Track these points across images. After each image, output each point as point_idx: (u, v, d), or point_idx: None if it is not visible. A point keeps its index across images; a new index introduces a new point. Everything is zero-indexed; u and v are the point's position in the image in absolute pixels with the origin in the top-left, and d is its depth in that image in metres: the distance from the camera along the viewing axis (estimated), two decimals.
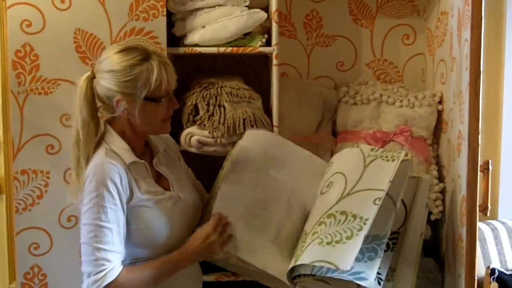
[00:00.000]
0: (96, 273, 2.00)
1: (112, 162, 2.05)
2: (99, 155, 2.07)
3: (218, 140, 2.58)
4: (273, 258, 2.21)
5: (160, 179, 2.20)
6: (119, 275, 2.02)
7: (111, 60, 2.04)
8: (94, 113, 2.10)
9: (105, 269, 2.00)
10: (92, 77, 2.09)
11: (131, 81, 2.02)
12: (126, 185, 2.06)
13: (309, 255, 2.11)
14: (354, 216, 2.10)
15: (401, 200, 2.23)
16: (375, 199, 2.11)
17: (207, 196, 2.42)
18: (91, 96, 2.09)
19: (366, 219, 2.07)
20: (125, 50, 2.06)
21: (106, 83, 2.05)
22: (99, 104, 2.12)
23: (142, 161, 2.14)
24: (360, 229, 2.06)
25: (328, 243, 2.09)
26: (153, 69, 2.04)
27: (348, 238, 2.06)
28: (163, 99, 2.08)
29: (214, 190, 2.35)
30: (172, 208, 2.15)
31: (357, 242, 2.03)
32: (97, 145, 2.10)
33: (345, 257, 2.01)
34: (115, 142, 2.11)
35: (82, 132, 2.06)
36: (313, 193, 2.37)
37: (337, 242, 2.07)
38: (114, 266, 2.02)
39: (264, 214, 2.27)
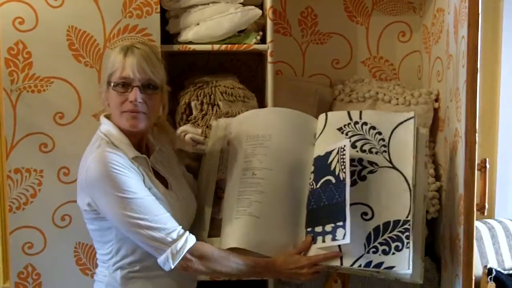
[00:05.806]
0: (174, 241, 1.95)
1: (114, 151, 1.98)
2: (99, 148, 1.99)
3: None
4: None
5: (157, 177, 2.14)
6: (199, 243, 2.02)
7: None
8: None
9: (181, 233, 1.97)
10: None
11: (103, 68, 2.07)
12: (137, 170, 2.01)
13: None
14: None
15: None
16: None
17: None
18: None
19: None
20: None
21: None
22: None
23: (144, 155, 2.09)
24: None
25: None
26: (114, 52, 2.03)
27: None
28: (114, 85, 2.03)
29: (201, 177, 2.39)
30: (175, 203, 2.11)
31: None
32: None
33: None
34: (115, 135, 2.04)
35: None
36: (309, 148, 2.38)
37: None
38: (185, 231, 2.00)
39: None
